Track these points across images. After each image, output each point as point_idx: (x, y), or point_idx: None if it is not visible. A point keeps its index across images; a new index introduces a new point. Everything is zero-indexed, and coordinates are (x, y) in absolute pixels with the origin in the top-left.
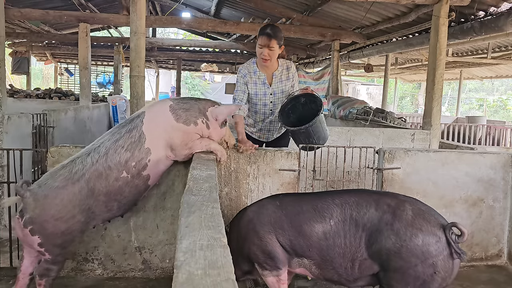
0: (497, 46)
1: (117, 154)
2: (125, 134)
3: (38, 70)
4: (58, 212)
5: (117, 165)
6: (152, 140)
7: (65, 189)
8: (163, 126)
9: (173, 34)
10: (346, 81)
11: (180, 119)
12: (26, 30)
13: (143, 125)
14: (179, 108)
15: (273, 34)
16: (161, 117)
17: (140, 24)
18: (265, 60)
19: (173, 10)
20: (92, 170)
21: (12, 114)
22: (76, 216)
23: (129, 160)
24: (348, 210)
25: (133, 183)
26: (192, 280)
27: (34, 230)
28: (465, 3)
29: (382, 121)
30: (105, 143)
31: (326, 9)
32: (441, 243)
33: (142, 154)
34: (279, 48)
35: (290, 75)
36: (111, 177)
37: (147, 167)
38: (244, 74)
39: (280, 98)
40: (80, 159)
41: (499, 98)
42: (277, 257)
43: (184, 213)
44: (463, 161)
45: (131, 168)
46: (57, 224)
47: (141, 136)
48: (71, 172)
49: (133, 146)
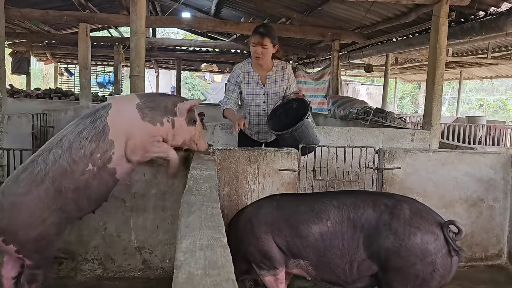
0: (497, 46)
1: (81, 146)
2: (89, 125)
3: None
4: (26, 219)
5: (82, 158)
6: (115, 133)
7: (30, 194)
8: (127, 122)
9: (173, 34)
10: (346, 81)
11: (146, 117)
12: (26, 30)
13: (108, 116)
14: (145, 106)
15: (266, 32)
16: (127, 113)
17: (140, 24)
18: (258, 58)
19: (173, 10)
20: (56, 167)
21: (12, 114)
22: (46, 220)
23: (95, 152)
24: (346, 211)
25: (100, 176)
26: (192, 280)
27: (7, 240)
28: (465, 3)
29: (382, 121)
30: (68, 136)
31: (326, 9)
32: (439, 241)
33: (106, 146)
34: (273, 47)
35: (285, 76)
36: (77, 171)
37: (111, 160)
38: (238, 74)
39: (273, 98)
40: (42, 158)
41: (499, 98)
42: (273, 257)
43: (184, 213)
44: (463, 161)
45: (97, 160)
46: (28, 231)
47: (105, 127)
48: (33, 174)
49: (97, 136)
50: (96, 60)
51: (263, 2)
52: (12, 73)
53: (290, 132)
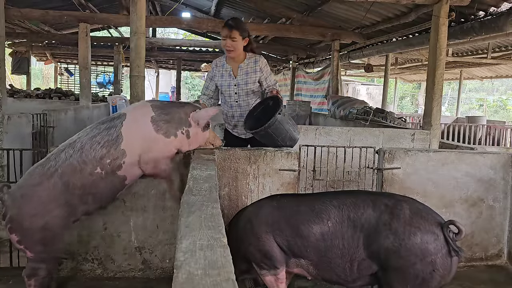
0: (497, 46)
1: (92, 149)
2: (104, 131)
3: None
4: (34, 208)
5: (92, 160)
6: (128, 144)
7: (40, 186)
8: (141, 134)
9: (173, 34)
10: (346, 81)
11: (160, 130)
12: (26, 30)
13: (122, 126)
14: (160, 119)
15: (234, 25)
16: (141, 125)
17: (140, 24)
18: (229, 51)
19: (173, 10)
20: (66, 165)
21: (12, 114)
22: (53, 210)
23: (104, 157)
24: (346, 211)
25: (107, 179)
26: (192, 280)
27: (12, 228)
28: (465, 3)
29: (382, 121)
30: (81, 138)
31: (326, 9)
32: (439, 241)
33: (117, 153)
34: (242, 39)
35: (257, 68)
36: (85, 171)
37: (121, 167)
38: (212, 68)
39: (244, 89)
40: (54, 156)
41: (499, 98)
42: (274, 257)
43: (184, 213)
44: (463, 161)
45: (106, 165)
46: (33, 220)
47: (118, 136)
48: (44, 168)
49: (109, 143)
50: (96, 60)
51: (263, 2)
52: (12, 73)
53: (263, 129)
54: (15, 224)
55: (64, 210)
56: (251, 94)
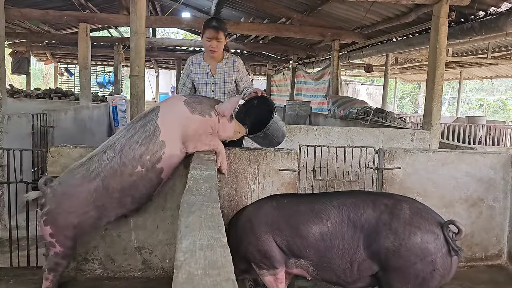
0: (497, 46)
1: (131, 150)
2: (140, 129)
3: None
4: (72, 207)
5: (131, 161)
6: (166, 133)
7: (81, 187)
8: (178, 118)
9: (173, 34)
10: (346, 81)
11: (195, 111)
12: (26, 30)
13: (158, 118)
14: (193, 101)
15: (219, 27)
16: (177, 110)
17: (140, 24)
18: (214, 51)
19: (173, 10)
20: (108, 168)
21: (12, 114)
22: (89, 212)
23: (144, 154)
24: (346, 212)
25: (147, 176)
26: (192, 280)
27: (47, 221)
28: (465, 3)
29: (382, 121)
30: (120, 139)
31: (326, 9)
32: (439, 240)
33: (156, 147)
34: (225, 38)
35: (235, 68)
36: (125, 173)
37: (161, 159)
38: (188, 65)
39: (222, 88)
40: (97, 157)
41: (499, 98)
42: (273, 257)
43: (184, 213)
44: (463, 161)
45: (146, 162)
46: (69, 217)
47: (155, 129)
48: (88, 171)
49: (147, 140)
50: (96, 60)
51: (263, 2)
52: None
53: (264, 132)
54: (50, 218)
55: (100, 212)
56: (227, 94)
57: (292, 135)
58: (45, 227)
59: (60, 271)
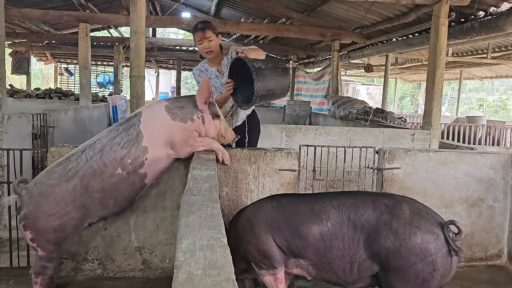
0: (497, 46)
1: (112, 151)
2: (123, 132)
3: (38, 70)
4: (51, 208)
5: (112, 162)
6: (149, 139)
7: (59, 186)
8: (161, 125)
9: (173, 34)
10: (346, 81)
11: (176, 117)
12: (26, 30)
13: (140, 124)
14: (174, 107)
15: (205, 26)
16: (158, 116)
17: (140, 24)
18: (209, 51)
19: (173, 10)
20: (86, 167)
21: (12, 114)
22: (69, 212)
23: (125, 157)
24: (346, 212)
25: (129, 180)
26: (192, 280)
27: (26, 226)
28: (465, 3)
29: (382, 121)
30: (101, 139)
31: (326, 9)
32: (439, 240)
33: (138, 152)
34: (216, 36)
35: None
36: (105, 173)
37: (144, 165)
38: (197, 76)
39: None
40: (75, 156)
41: (499, 98)
42: (273, 257)
43: (184, 213)
44: (463, 161)
45: (127, 165)
46: (49, 220)
47: (138, 134)
48: (65, 169)
49: (129, 143)
50: (96, 60)
51: (263, 2)
52: (12, 73)
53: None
54: (30, 222)
55: (81, 212)
56: None
57: (292, 135)
58: (25, 232)
59: (49, 274)
